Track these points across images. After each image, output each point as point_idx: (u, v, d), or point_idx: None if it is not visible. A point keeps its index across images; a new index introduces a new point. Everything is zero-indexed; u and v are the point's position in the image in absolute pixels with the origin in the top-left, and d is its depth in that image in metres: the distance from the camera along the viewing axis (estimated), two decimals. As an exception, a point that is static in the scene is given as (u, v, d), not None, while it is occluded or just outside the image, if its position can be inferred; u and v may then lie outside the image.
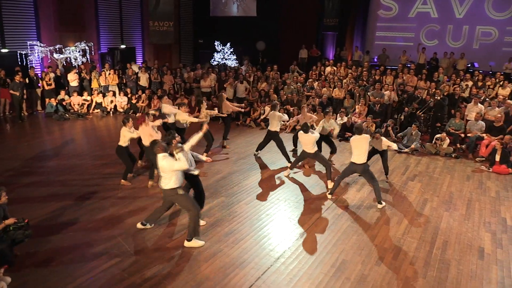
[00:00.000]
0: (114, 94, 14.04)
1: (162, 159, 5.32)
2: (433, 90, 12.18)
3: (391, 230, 6.16)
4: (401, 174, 8.74)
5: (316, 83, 13.95)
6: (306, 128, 7.63)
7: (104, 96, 13.86)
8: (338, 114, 11.80)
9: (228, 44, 19.37)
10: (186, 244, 5.47)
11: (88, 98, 13.62)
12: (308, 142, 7.68)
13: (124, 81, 14.67)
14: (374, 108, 11.99)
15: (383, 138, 7.76)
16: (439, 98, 11.39)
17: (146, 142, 7.30)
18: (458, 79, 13.25)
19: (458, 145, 10.48)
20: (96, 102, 13.68)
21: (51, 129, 11.69)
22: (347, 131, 11.10)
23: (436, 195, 7.63)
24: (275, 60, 17.73)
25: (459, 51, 16.45)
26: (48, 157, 9.14)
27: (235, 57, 19.42)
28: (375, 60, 18.19)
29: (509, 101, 11.16)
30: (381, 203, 6.97)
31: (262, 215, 6.51)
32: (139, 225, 5.94)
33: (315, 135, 7.72)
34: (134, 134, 7.41)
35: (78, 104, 13.40)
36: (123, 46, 17.38)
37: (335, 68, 15.51)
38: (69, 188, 7.36)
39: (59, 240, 5.60)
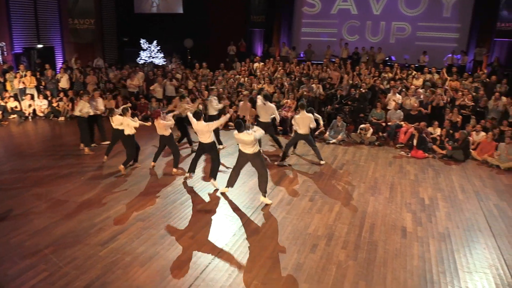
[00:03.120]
0: (32, 98, 13.06)
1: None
2: (356, 82, 12.88)
3: (323, 218, 6.45)
4: (330, 163, 9.15)
5: (245, 79, 14.10)
6: (197, 115, 7.42)
7: (20, 100, 12.83)
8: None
9: (155, 42, 18.88)
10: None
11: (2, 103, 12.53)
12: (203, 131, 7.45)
13: (43, 84, 13.71)
14: (303, 101, 12.38)
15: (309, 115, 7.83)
16: (364, 91, 12.10)
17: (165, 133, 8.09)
18: (377, 72, 14.15)
19: (380, 134, 11.21)
20: (11, 108, 12.62)
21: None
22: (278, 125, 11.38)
23: (363, 182, 8.11)
24: (205, 57, 17.61)
25: (378, 45, 17.56)
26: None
27: (162, 55, 18.98)
28: (302, 55, 18.79)
29: (419, 90, 12.16)
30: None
31: (197, 214, 6.48)
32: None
33: (211, 123, 7.48)
34: (137, 123, 8.02)
35: (-9, 110, 12.30)
36: (40, 46, 16.19)
37: (262, 64, 15.79)
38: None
39: (-24, 259, 5.13)
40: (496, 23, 16.05)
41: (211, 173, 7.62)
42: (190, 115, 7.65)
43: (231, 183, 7.24)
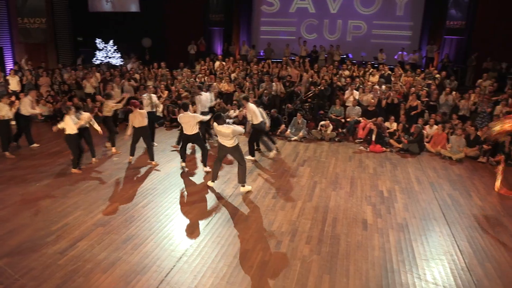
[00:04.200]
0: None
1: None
2: (315, 80, 13.12)
3: (286, 215, 6.53)
4: (292, 161, 9.28)
5: (206, 78, 14.01)
6: (185, 106, 8.15)
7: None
8: (231, 108, 12.06)
9: (111, 41, 18.36)
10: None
11: None
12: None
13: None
14: (263, 100, 12.48)
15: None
16: (323, 88, 12.34)
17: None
18: (335, 70, 14.47)
19: (340, 130, 11.49)
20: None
21: None
22: (239, 123, 11.38)
23: (324, 177, 8.28)
24: (163, 56, 17.34)
25: (335, 43, 17.96)
26: None
27: (119, 55, 18.50)
28: (262, 54, 18.89)
29: (376, 86, 12.56)
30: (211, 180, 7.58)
31: (160, 216, 6.37)
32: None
33: (196, 115, 8.22)
34: (80, 123, 7.99)
35: None
36: (-14, 47, 15.35)
37: (223, 63, 15.75)
38: None
39: None
40: (446, 21, 16.86)
41: (202, 161, 8.39)
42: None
43: (215, 176, 7.50)
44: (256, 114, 8.86)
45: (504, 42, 15.68)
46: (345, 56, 17.71)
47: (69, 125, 7.85)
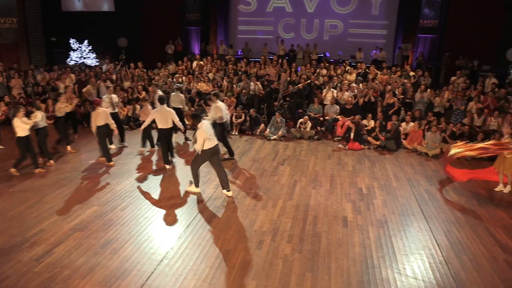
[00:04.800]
0: None
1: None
2: (293, 79, 13.18)
3: (267, 214, 6.53)
4: (271, 160, 9.29)
5: (184, 78, 13.89)
6: (161, 100, 8.41)
7: None
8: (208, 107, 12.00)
9: (86, 41, 17.97)
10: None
11: None
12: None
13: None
14: (242, 99, 12.47)
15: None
16: (301, 87, 12.41)
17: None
18: (313, 68, 14.58)
19: (319, 128, 11.57)
20: None
21: None
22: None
23: (304, 176, 8.32)
24: (140, 56, 17.08)
25: (313, 42, 18.08)
26: None
27: (94, 55, 18.12)
28: (240, 53, 18.85)
29: (353, 85, 12.72)
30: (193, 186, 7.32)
31: (140, 219, 6.27)
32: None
33: (173, 110, 8.49)
34: (29, 124, 7.82)
35: None
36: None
37: (201, 62, 15.64)
38: None
39: None
40: (419, 20, 17.22)
41: (171, 155, 8.71)
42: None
43: (197, 182, 7.27)
44: (223, 112, 8.91)
45: (475, 40, 16.13)
46: (322, 55, 17.86)
47: (20, 127, 7.73)
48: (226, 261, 5.18)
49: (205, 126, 6.84)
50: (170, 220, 6.29)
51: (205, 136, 6.76)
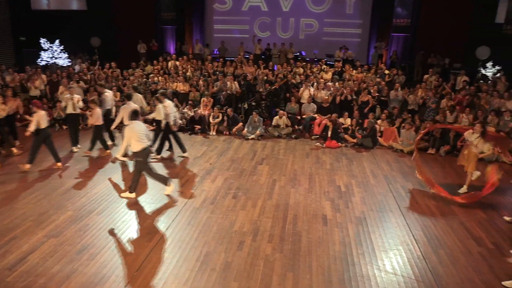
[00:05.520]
0: None
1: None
2: (271, 78, 13.19)
3: (247, 214, 6.50)
4: (250, 159, 9.26)
5: (160, 77, 13.70)
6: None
7: None
8: (186, 108, 11.89)
9: (57, 41, 17.48)
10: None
11: None
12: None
13: None
14: (221, 100, 12.39)
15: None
16: (277, 86, 12.42)
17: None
18: (289, 67, 14.63)
19: (296, 127, 11.62)
20: None
21: None
22: (196, 123, 11.26)
23: (283, 175, 8.33)
24: (114, 56, 16.75)
25: (288, 41, 18.14)
26: None
27: (66, 55, 17.65)
28: (216, 52, 18.74)
29: (329, 83, 12.84)
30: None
31: (117, 223, 6.13)
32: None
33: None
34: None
35: None
36: None
37: (177, 62, 15.47)
38: None
39: None
40: (392, 19, 17.53)
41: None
42: None
43: (134, 187, 7.09)
44: (170, 112, 8.86)
45: (446, 39, 16.55)
46: (298, 54, 17.95)
47: None
48: (207, 263, 5.13)
49: (136, 126, 6.69)
50: (149, 223, 6.17)
51: (132, 136, 6.59)
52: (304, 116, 11.81)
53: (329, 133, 10.47)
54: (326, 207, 6.85)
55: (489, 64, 15.39)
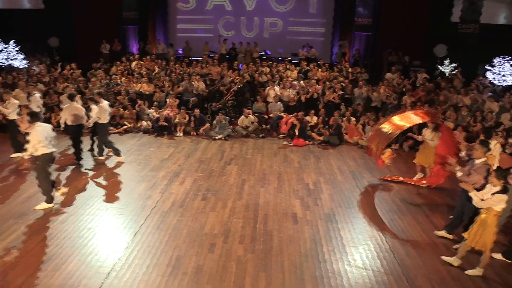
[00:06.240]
0: None
1: None
2: (236, 77, 13.15)
3: (217, 216, 6.44)
4: (218, 160, 9.20)
5: (123, 78, 13.36)
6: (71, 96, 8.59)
7: None
8: (152, 109, 11.65)
9: (12, 41, 16.68)
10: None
11: None
12: None
13: None
14: (189, 104, 12.23)
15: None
16: (240, 85, 12.39)
17: None
18: (255, 66, 14.65)
19: (263, 126, 11.65)
20: None
21: None
22: (161, 125, 11.06)
23: (252, 174, 8.32)
24: (74, 57, 16.18)
25: (253, 40, 18.17)
26: None
27: (23, 56, 16.87)
28: (180, 52, 18.49)
29: (294, 82, 12.96)
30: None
31: (83, 230, 5.91)
32: None
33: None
34: None
35: None
36: None
37: (141, 62, 15.14)
38: None
39: None
40: (354, 18, 17.92)
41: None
42: None
43: (50, 198, 6.62)
44: (106, 112, 8.66)
45: (406, 37, 17.07)
46: (263, 53, 18.01)
47: None
48: (178, 268, 5.04)
49: (40, 129, 6.27)
50: (116, 229, 5.99)
51: (37, 139, 6.16)
52: (271, 115, 11.86)
53: (296, 131, 10.57)
54: (295, 206, 6.90)
55: (446, 62, 16.03)
